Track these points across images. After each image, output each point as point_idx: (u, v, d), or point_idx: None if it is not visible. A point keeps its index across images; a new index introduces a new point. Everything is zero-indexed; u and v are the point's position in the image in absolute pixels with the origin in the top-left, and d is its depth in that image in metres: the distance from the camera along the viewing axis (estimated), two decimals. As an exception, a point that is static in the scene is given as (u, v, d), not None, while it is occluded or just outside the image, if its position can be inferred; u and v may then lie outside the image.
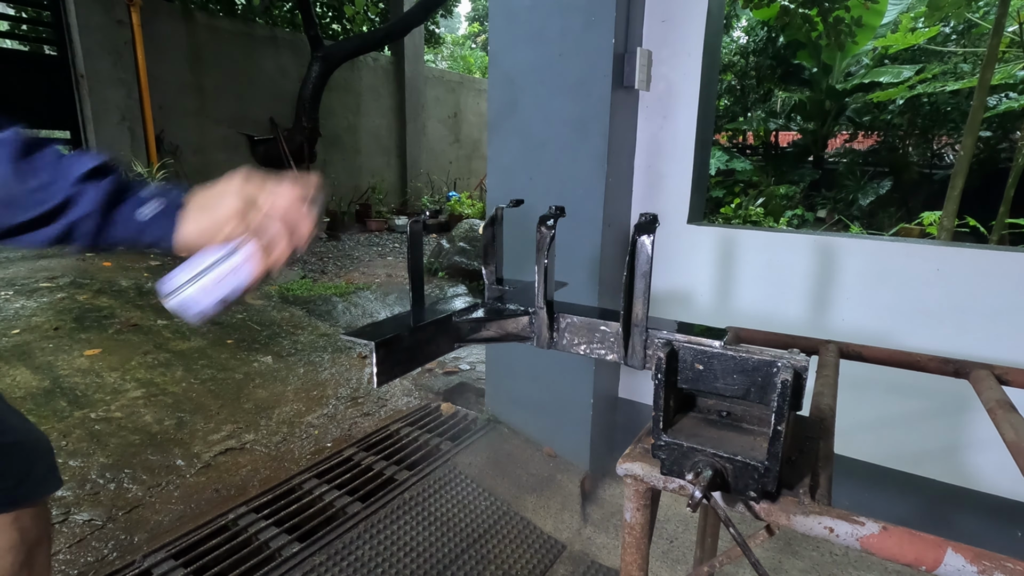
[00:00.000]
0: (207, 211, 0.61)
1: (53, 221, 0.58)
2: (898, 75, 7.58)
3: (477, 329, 0.93)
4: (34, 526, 0.96)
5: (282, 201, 0.63)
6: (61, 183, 0.57)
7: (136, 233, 0.61)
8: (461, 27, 21.58)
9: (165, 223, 0.61)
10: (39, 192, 0.56)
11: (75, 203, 0.58)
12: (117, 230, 0.60)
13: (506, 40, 1.96)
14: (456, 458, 2.05)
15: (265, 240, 0.62)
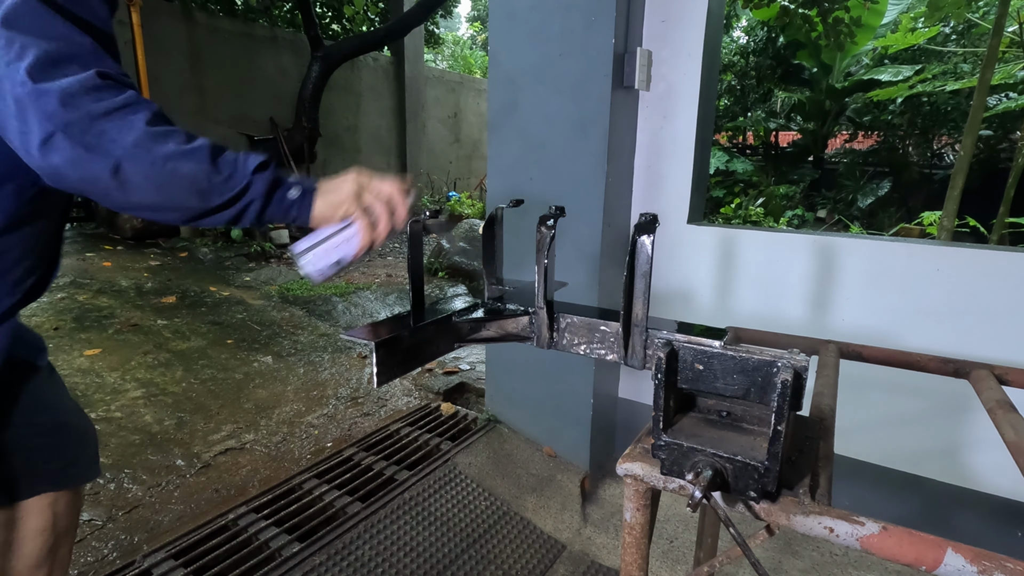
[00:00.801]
0: (331, 194, 0.79)
1: (233, 204, 0.74)
2: (897, 74, 7.59)
3: (477, 329, 0.93)
4: (66, 514, 1.02)
5: (386, 189, 0.82)
6: (241, 175, 0.73)
7: (285, 211, 0.78)
8: (461, 27, 21.58)
9: (304, 203, 0.78)
10: (228, 182, 0.72)
11: (249, 189, 0.74)
12: (273, 209, 0.76)
13: (506, 40, 1.96)
14: (456, 458, 2.05)
15: (371, 218, 0.81)
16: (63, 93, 0.63)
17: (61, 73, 0.65)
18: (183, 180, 0.69)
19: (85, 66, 0.66)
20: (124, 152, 0.66)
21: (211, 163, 0.70)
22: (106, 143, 0.65)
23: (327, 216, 0.79)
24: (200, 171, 0.70)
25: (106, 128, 0.65)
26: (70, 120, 0.64)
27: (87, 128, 0.64)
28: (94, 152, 0.65)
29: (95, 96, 0.65)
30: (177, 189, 0.70)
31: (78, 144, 0.64)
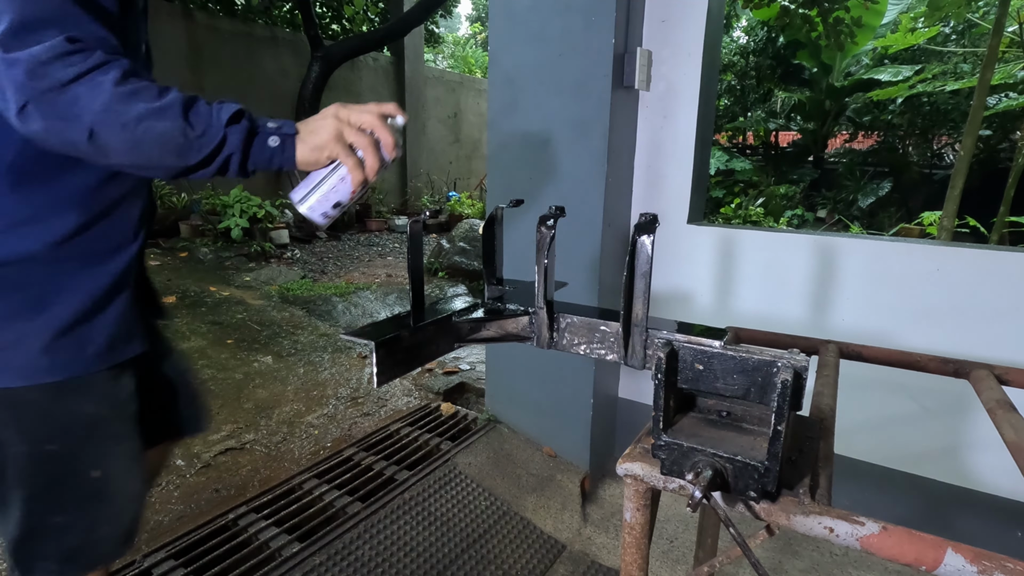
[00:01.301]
0: (311, 137, 0.77)
1: (213, 160, 0.73)
2: (897, 74, 7.59)
3: (477, 329, 0.93)
4: (161, 461, 1.18)
5: (366, 120, 0.78)
6: (215, 129, 0.71)
7: (267, 160, 0.76)
8: (461, 27, 21.58)
9: (286, 150, 0.76)
10: (202, 138, 0.71)
11: (226, 143, 0.72)
12: (255, 159, 0.75)
13: (506, 40, 1.96)
14: (456, 458, 2.05)
15: (357, 156, 0.78)
16: (32, 61, 0.63)
17: (33, 40, 0.64)
18: (158, 139, 0.69)
19: (60, 30, 0.65)
20: (95, 117, 0.66)
21: (183, 119, 0.69)
22: (77, 110, 0.65)
23: (312, 161, 0.77)
24: (173, 129, 0.69)
25: (77, 94, 0.65)
26: (40, 88, 0.64)
27: (57, 96, 0.64)
28: (67, 120, 0.65)
29: (64, 62, 0.64)
30: (153, 149, 0.69)
31: (50, 113, 0.65)
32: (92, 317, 0.83)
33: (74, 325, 0.81)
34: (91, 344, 0.83)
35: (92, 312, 0.83)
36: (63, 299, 0.80)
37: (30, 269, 0.78)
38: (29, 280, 0.78)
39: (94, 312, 0.83)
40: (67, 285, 0.80)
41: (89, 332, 0.82)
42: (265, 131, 0.75)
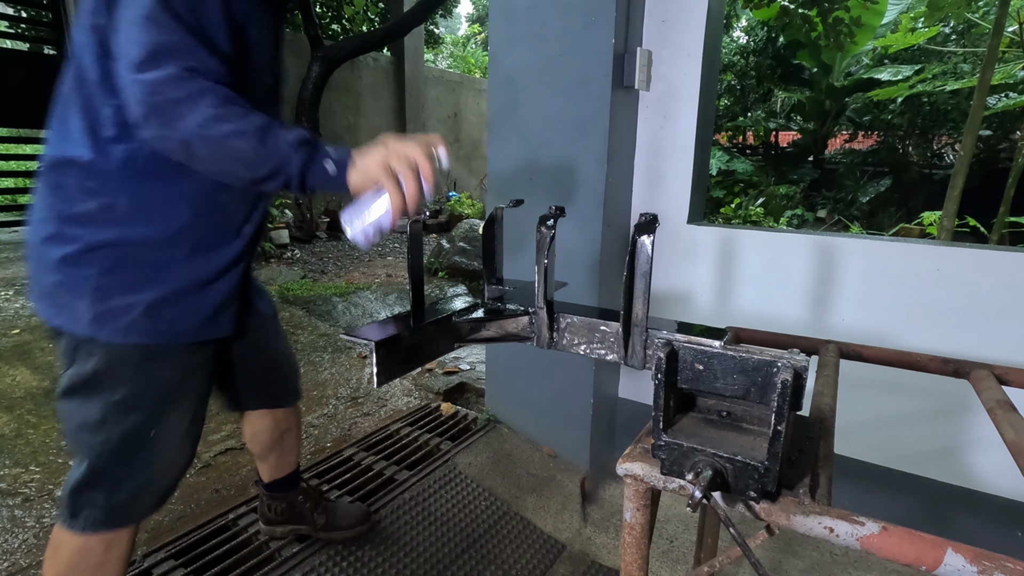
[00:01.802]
0: (362, 164, 0.84)
1: (277, 176, 0.84)
2: (897, 74, 7.58)
3: (477, 329, 0.93)
4: (284, 418, 1.42)
5: (410, 153, 0.83)
6: (282, 150, 0.83)
7: (324, 182, 0.86)
8: (461, 27, 21.57)
9: (340, 176, 0.85)
10: (270, 158, 0.83)
11: (288, 163, 0.83)
12: (313, 180, 0.86)
13: (506, 40, 1.96)
14: (456, 458, 2.05)
15: (399, 185, 0.84)
16: (154, 83, 0.80)
17: (159, 65, 0.80)
18: (235, 155, 0.82)
19: (180, 59, 0.81)
20: (191, 132, 0.81)
21: (258, 140, 0.82)
22: (179, 124, 0.80)
23: (362, 186, 0.85)
24: (249, 147, 0.82)
25: (181, 112, 0.80)
26: (155, 104, 0.80)
27: (166, 112, 0.80)
28: (170, 130, 0.81)
29: (176, 86, 0.80)
30: (231, 162, 0.84)
31: (160, 124, 0.81)
32: (188, 298, 0.99)
33: (172, 302, 0.97)
34: (182, 320, 0.99)
35: (189, 294, 0.99)
36: (167, 279, 0.97)
37: (146, 251, 0.95)
38: (143, 260, 0.95)
39: (190, 294, 0.99)
40: (172, 269, 0.97)
41: (183, 310, 0.99)
42: (323, 156, 0.85)
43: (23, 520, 1.65)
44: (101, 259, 0.92)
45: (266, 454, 1.45)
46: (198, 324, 1.01)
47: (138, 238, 0.94)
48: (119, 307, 0.93)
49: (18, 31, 5.85)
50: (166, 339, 0.98)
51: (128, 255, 0.94)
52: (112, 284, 0.93)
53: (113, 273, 0.93)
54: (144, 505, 1.04)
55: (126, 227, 0.93)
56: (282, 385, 1.37)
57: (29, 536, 1.59)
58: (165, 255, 0.96)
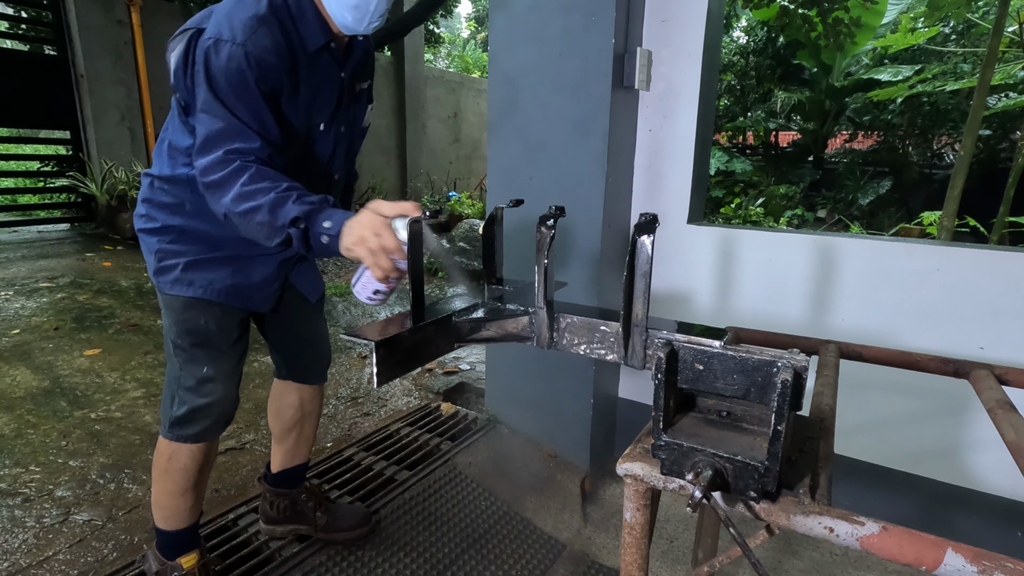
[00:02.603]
0: (347, 239, 0.93)
1: (284, 247, 1.00)
2: (897, 74, 7.58)
3: (477, 329, 0.93)
4: (310, 400, 1.53)
5: (377, 231, 0.91)
6: (282, 228, 0.97)
7: (323, 250, 0.97)
8: (461, 27, 21.57)
9: (332, 246, 0.96)
10: (278, 232, 0.98)
11: (292, 239, 0.98)
12: (315, 250, 0.98)
13: (506, 40, 1.96)
14: (456, 458, 2.05)
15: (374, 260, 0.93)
16: (204, 168, 1.02)
17: (208, 150, 1.02)
18: (254, 228, 1.00)
19: (225, 143, 1.01)
20: (225, 207, 1.01)
21: (270, 216, 0.97)
22: (219, 200, 1.02)
23: (350, 256, 0.94)
24: (263, 222, 0.98)
25: (220, 191, 1.01)
26: (204, 183, 1.03)
27: (210, 188, 1.03)
28: (216, 204, 1.03)
29: (216, 169, 1.01)
30: (252, 232, 1.02)
31: (210, 198, 1.04)
32: (223, 269, 1.24)
33: (206, 267, 1.23)
34: (216, 284, 1.23)
35: (226, 267, 1.24)
36: (206, 252, 1.23)
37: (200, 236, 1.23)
38: (195, 239, 1.23)
39: (228, 268, 1.24)
40: (215, 249, 1.23)
41: (219, 277, 1.23)
42: (317, 231, 0.96)
43: (23, 520, 1.65)
44: (167, 234, 1.23)
45: (285, 435, 1.54)
46: (234, 293, 1.25)
47: (195, 227, 1.22)
48: (168, 266, 1.22)
49: (18, 31, 5.85)
50: (201, 295, 1.22)
51: (186, 235, 1.23)
52: (168, 250, 1.22)
53: (172, 243, 1.22)
54: (202, 426, 1.28)
55: (188, 219, 1.22)
56: (312, 362, 1.51)
57: (29, 536, 1.59)
58: (213, 240, 1.23)
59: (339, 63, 1.19)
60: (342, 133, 1.28)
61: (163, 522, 1.34)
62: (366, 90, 1.33)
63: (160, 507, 1.33)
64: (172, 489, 1.31)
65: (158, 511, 1.34)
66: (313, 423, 1.57)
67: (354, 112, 1.31)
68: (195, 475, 1.31)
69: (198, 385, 1.26)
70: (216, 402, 1.28)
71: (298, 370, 1.50)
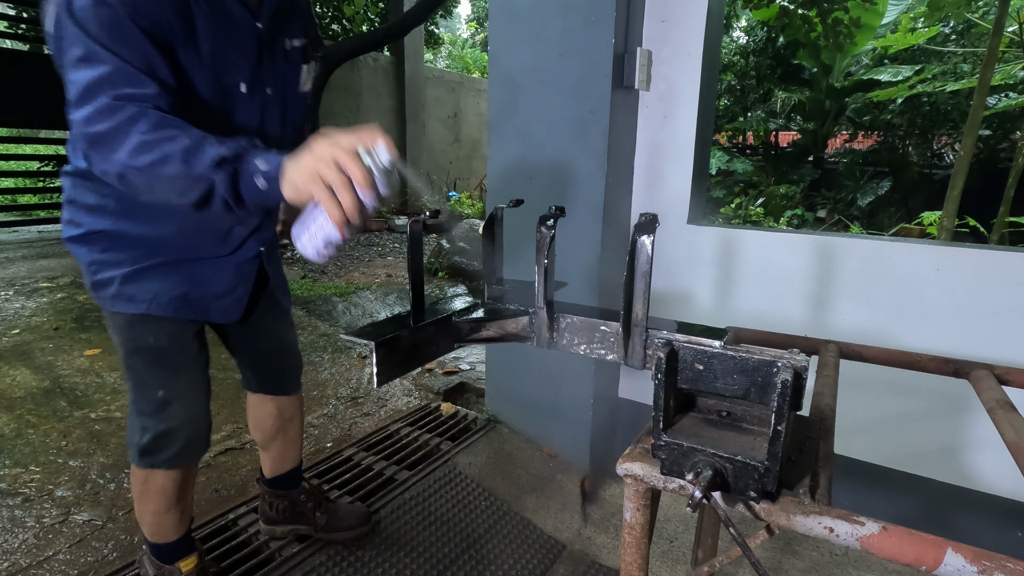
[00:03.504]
0: (294, 176, 0.76)
1: (209, 200, 0.81)
2: (897, 74, 7.58)
3: (477, 329, 0.93)
4: (288, 407, 1.45)
5: (337, 157, 0.74)
6: (206, 172, 0.78)
7: (259, 199, 0.81)
8: (461, 28, 21.57)
9: (272, 190, 0.78)
10: (197, 182, 0.80)
11: (215, 184, 0.79)
12: (249, 198, 0.81)
13: (506, 40, 1.96)
14: (456, 458, 2.05)
15: (335, 196, 0.74)
16: (82, 120, 0.82)
17: (88, 101, 0.82)
18: (165, 182, 0.81)
19: (110, 90, 0.81)
20: (120, 164, 0.81)
21: (184, 165, 0.78)
22: (113, 157, 0.82)
23: (297, 200, 0.77)
24: (176, 174, 0.79)
25: (112, 144, 0.81)
26: (88, 140, 0.83)
27: (99, 146, 0.82)
28: (107, 164, 0.83)
29: (105, 117, 0.81)
30: (162, 189, 0.83)
31: (97, 160, 0.84)
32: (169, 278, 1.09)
33: (148, 278, 1.08)
34: (163, 296, 1.09)
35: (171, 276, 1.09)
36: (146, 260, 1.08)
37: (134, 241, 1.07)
38: (130, 246, 1.07)
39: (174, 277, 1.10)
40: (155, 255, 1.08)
41: (164, 288, 1.09)
42: (250, 172, 0.79)
43: (23, 520, 1.65)
44: (97, 242, 1.07)
45: (268, 443, 1.47)
46: (184, 304, 1.11)
47: (127, 230, 1.06)
48: (104, 280, 1.08)
49: (18, 31, 5.85)
50: (146, 310, 1.08)
51: (119, 241, 1.07)
52: (102, 261, 1.07)
53: (105, 252, 1.07)
54: (171, 452, 1.17)
55: (117, 220, 1.06)
56: (282, 373, 1.41)
57: (29, 536, 1.59)
58: (150, 244, 1.08)
59: (251, 10, 1.02)
60: (269, 97, 1.10)
61: (153, 536, 1.29)
62: (300, 49, 1.18)
63: (146, 524, 1.27)
64: (155, 509, 1.24)
65: (145, 527, 1.28)
66: (297, 427, 1.51)
67: (285, 73, 1.14)
68: (175, 493, 1.23)
69: (157, 410, 1.14)
70: (181, 426, 1.16)
71: (268, 383, 1.41)
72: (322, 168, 0.73)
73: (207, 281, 1.13)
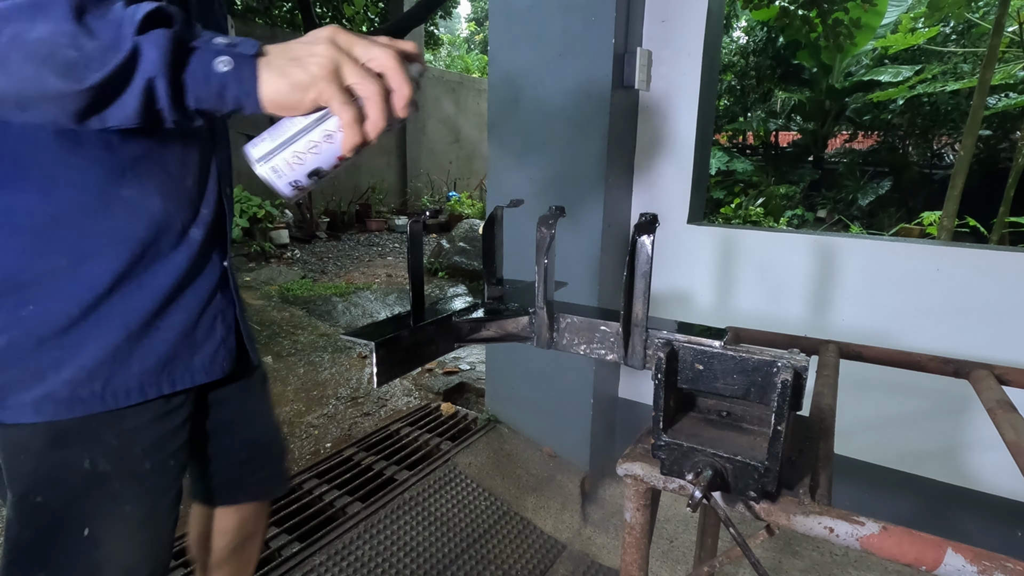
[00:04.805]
0: (292, 66, 0.52)
1: (124, 86, 0.48)
2: (897, 74, 7.59)
3: (477, 329, 0.93)
4: (252, 519, 1.00)
5: (379, 58, 0.54)
6: (123, 33, 0.47)
7: (217, 92, 0.51)
8: (461, 29, 21.57)
9: (243, 80, 0.51)
10: (105, 49, 0.47)
11: (139, 59, 0.47)
12: (195, 89, 0.51)
13: (506, 40, 1.96)
14: (456, 458, 2.05)
15: (358, 104, 0.54)
16: None
17: None
18: (33, 50, 0.45)
19: None
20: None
21: (75, 21, 0.46)
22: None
23: (288, 103, 0.53)
24: (55, 34, 0.45)
25: None
26: None
27: None
28: None
29: None
30: (26, 65, 0.46)
31: None
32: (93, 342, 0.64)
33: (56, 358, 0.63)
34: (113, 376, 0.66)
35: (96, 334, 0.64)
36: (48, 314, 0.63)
37: None
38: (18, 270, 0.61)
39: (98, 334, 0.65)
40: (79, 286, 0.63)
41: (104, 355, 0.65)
42: (209, 48, 0.50)
43: (23, 520, 1.65)
44: None
45: (218, 567, 0.99)
46: (164, 369, 0.70)
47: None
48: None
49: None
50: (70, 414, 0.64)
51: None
52: None
53: None
54: None
55: None
56: (273, 469, 0.99)
57: (29, 536, 1.59)
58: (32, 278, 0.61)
59: None
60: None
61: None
62: None
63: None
64: None
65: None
66: (257, 545, 1.04)
67: None
68: None
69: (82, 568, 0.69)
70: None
71: (240, 489, 0.95)
72: (348, 66, 0.53)
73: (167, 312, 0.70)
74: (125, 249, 0.65)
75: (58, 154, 0.60)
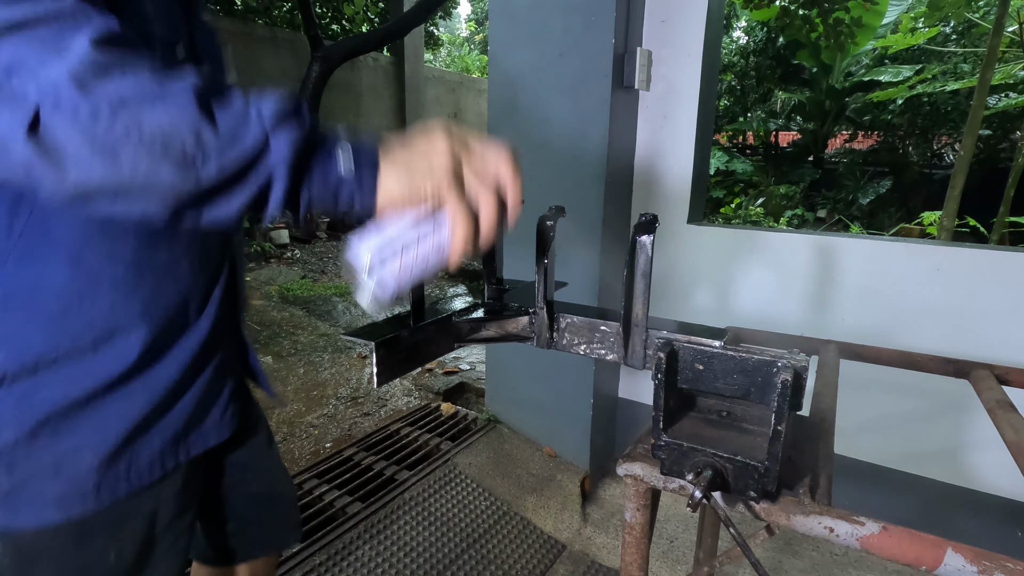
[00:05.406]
0: (409, 167, 0.49)
1: (241, 182, 0.44)
2: (897, 74, 7.59)
3: (477, 329, 0.93)
4: (263, 571, 0.94)
5: (493, 160, 0.51)
6: (252, 129, 0.44)
7: (333, 194, 0.48)
8: (461, 29, 21.57)
9: (364, 182, 0.48)
10: (230, 142, 0.43)
11: (267, 154, 0.44)
12: (313, 190, 0.48)
13: (506, 40, 1.96)
14: (456, 458, 2.04)
15: (472, 208, 0.50)
16: (78, 75, 0.40)
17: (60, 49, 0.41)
18: (150, 139, 0.41)
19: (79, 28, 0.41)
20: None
21: (199, 110, 0.42)
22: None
23: (399, 203, 0.50)
24: (178, 122, 0.41)
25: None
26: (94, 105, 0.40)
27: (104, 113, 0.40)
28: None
29: (110, 64, 0.41)
30: (141, 155, 0.41)
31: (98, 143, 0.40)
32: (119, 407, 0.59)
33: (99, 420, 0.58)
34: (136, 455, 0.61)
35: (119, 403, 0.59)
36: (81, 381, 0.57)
37: None
38: None
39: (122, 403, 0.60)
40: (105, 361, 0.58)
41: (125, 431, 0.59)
42: (331, 144, 0.48)
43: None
44: None
45: None
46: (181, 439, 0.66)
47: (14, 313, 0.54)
48: None
49: (18, 31, 5.84)
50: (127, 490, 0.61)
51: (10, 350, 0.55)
52: None
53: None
54: None
55: None
56: (286, 520, 0.94)
57: (29, 536, 1.59)
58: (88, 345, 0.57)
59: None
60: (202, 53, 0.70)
61: None
62: None
63: None
64: None
65: None
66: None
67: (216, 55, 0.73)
68: None
69: None
70: None
71: (268, 538, 0.92)
72: (468, 171, 0.50)
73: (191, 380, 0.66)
74: (153, 321, 0.60)
75: (94, 220, 0.54)
